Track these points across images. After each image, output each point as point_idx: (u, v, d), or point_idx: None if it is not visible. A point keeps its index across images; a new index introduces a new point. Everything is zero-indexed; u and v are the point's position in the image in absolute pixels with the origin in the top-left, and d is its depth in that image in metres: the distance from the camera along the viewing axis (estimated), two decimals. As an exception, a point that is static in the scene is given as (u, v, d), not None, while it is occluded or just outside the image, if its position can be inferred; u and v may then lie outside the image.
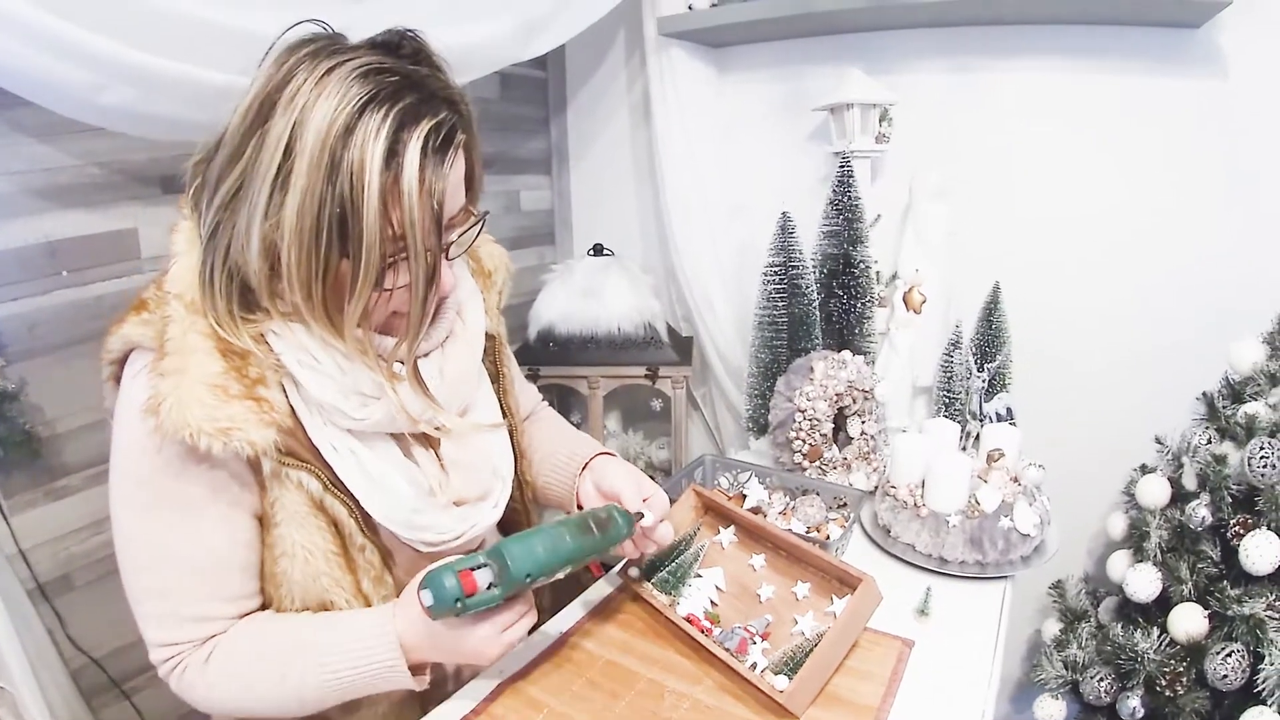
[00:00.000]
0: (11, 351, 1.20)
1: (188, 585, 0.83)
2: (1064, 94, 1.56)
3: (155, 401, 0.73)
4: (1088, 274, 1.61)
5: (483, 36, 1.41)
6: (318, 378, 0.81)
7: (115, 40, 1.02)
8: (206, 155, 0.80)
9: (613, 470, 1.04)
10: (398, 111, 0.73)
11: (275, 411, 0.78)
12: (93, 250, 1.30)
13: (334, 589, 0.88)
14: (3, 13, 0.93)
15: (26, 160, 1.20)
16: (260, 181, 0.73)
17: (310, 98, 0.72)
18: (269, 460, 0.80)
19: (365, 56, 0.75)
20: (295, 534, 0.85)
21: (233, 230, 0.76)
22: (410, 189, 0.74)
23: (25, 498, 1.24)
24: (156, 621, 0.84)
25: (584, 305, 1.87)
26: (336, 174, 0.72)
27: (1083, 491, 1.57)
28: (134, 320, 0.80)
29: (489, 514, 0.98)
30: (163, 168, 1.37)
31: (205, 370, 0.75)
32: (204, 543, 0.82)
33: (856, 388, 1.45)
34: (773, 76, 1.84)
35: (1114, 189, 1.56)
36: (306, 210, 0.72)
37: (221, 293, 0.78)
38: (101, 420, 1.30)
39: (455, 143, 0.78)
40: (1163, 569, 1.25)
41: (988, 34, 1.57)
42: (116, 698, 1.36)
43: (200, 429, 0.73)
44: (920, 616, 1.11)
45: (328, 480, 0.84)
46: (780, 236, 1.56)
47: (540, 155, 2.26)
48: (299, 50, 0.75)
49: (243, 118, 0.75)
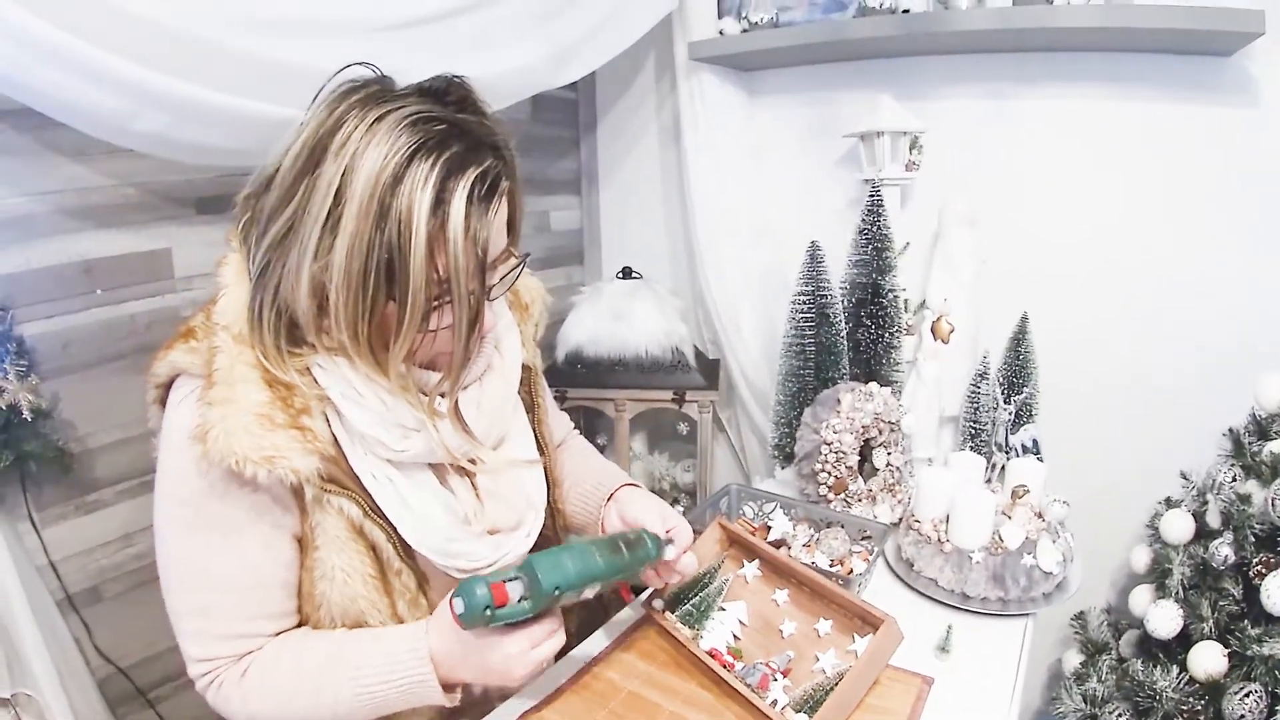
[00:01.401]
0: (45, 369, 1.22)
1: (228, 604, 0.86)
2: (1094, 122, 1.54)
3: (203, 430, 0.76)
4: (1116, 304, 1.59)
5: (515, 64, 1.43)
6: (361, 411, 0.84)
7: (147, 68, 1.04)
8: (256, 190, 0.83)
9: (638, 501, 1.06)
10: (445, 160, 0.75)
11: (318, 440, 0.81)
12: (127, 269, 1.33)
13: (370, 611, 0.90)
14: (38, 39, 0.95)
15: (62, 180, 1.23)
16: (311, 224, 0.76)
17: (360, 145, 0.74)
18: (311, 487, 0.82)
19: (413, 105, 0.77)
20: (334, 557, 0.87)
21: (283, 269, 0.79)
22: (456, 236, 0.76)
23: (56, 511, 1.27)
24: (196, 638, 0.86)
25: (612, 328, 1.88)
26: (385, 221, 0.74)
27: (1108, 521, 1.56)
28: (181, 348, 0.83)
29: (522, 543, 0.99)
30: (197, 189, 1.40)
31: (252, 400, 0.78)
32: (246, 563, 0.85)
33: (883, 419, 1.45)
34: (803, 101, 1.84)
35: (1144, 218, 1.55)
36: (355, 254, 0.75)
37: (270, 328, 0.81)
38: (133, 437, 1.34)
39: (500, 190, 0.80)
40: (1184, 606, 1.24)
41: (1018, 61, 1.56)
42: (141, 706, 1.39)
43: (246, 457, 0.76)
44: (941, 654, 1.10)
45: (368, 507, 0.87)
46: (809, 265, 1.56)
47: (570, 176, 2.28)
48: (349, 96, 0.78)
49: (294, 161, 0.78)
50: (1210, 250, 1.50)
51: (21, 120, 1.14)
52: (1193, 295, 1.52)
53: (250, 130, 1.19)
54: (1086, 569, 1.29)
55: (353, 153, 0.74)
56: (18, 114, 1.12)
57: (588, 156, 2.25)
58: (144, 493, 1.37)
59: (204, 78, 1.10)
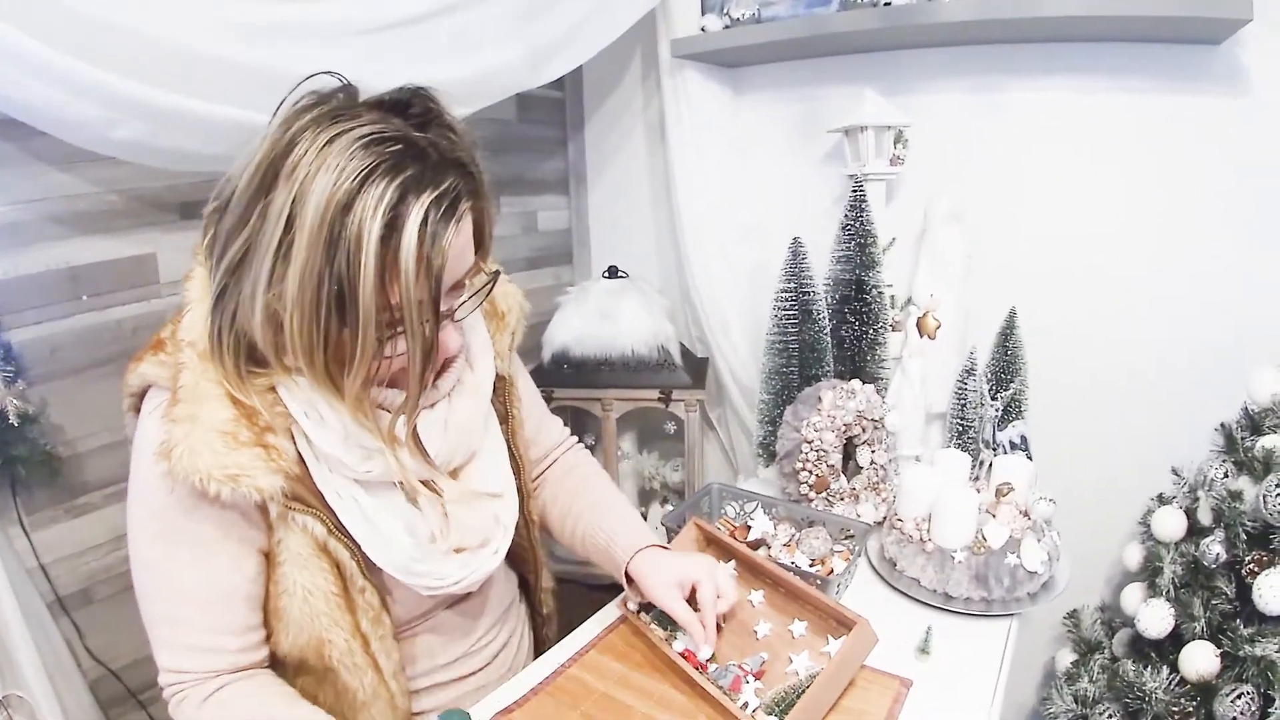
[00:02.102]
0: (33, 374, 1.22)
1: (192, 616, 0.85)
2: (1082, 113, 1.52)
3: (167, 447, 0.76)
4: (1106, 298, 1.57)
5: (493, 65, 1.42)
6: (323, 431, 0.83)
7: (126, 77, 1.04)
8: (218, 205, 0.81)
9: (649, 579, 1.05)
10: (398, 185, 0.72)
11: (283, 459, 0.80)
12: (112, 275, 1.33)
13: (333, 628, 0.89)
14: (14, 50, 0.96)
15: (47, 188, 1.23)
16: (264, 251, 0.74)
17: (311, 170, 0.72)
18: (275, 505, 0.82)
19: (368, 124, 0.74)
20: (297, 574, 0.87)
21: (239, 296, 0.77)
22: (407, 267, 0.73)
23: (46, 514, 1.28)
24: (164, 647, 0.87)
25: (598, 327, 1.87)
26: (334, 250, 0.72)
27: (1101, 518, 1.53)
28: (151, 360, 0.83)
29: (489, 561, 0.98)
30: (181, 195, 1.40)
31: (216, 417, 0.78)
32: (211, 579, 0.85)
33: (866, 417, 1.44)
34: (788, 97, 1.82)
35: (1132, 210, 1.52)
36: (306, 284, 0.73)
37: (229, 350, 0.80)
38: (120, 441, 1.33)
39: (458, 213, 0.77)
40: (1176, 605, 1.22)
41: (1004, 52, 1.54)
42: (133, 708, 1.40)
43: (210, 475, 0.75)
44: (921, 655, 1.09)
45: (332, 525, 0.86)
46: (791, 261, 1.56)
47: (558, 176, 2.27)
48: (304, 115, 0.75)
49: (249, 182, 0.75)
50: (1202, 242, 1.47)
51: (6, 129, 1.14)
52: (1184, 288, 1.49)
53: (230, 136, 1.19)
54: (1080, 566, 1.28)
55: (303, 177, 0.72)
56: (2, 123, 1.12)
57: (575, 156, 2.24)
58: (131, 496, 1.38)
59: (182, 85, 1.10)
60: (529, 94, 2.01)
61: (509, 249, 2.14)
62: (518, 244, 2.18)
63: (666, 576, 1.04)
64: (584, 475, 1.24)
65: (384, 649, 0.94)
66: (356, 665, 0.92)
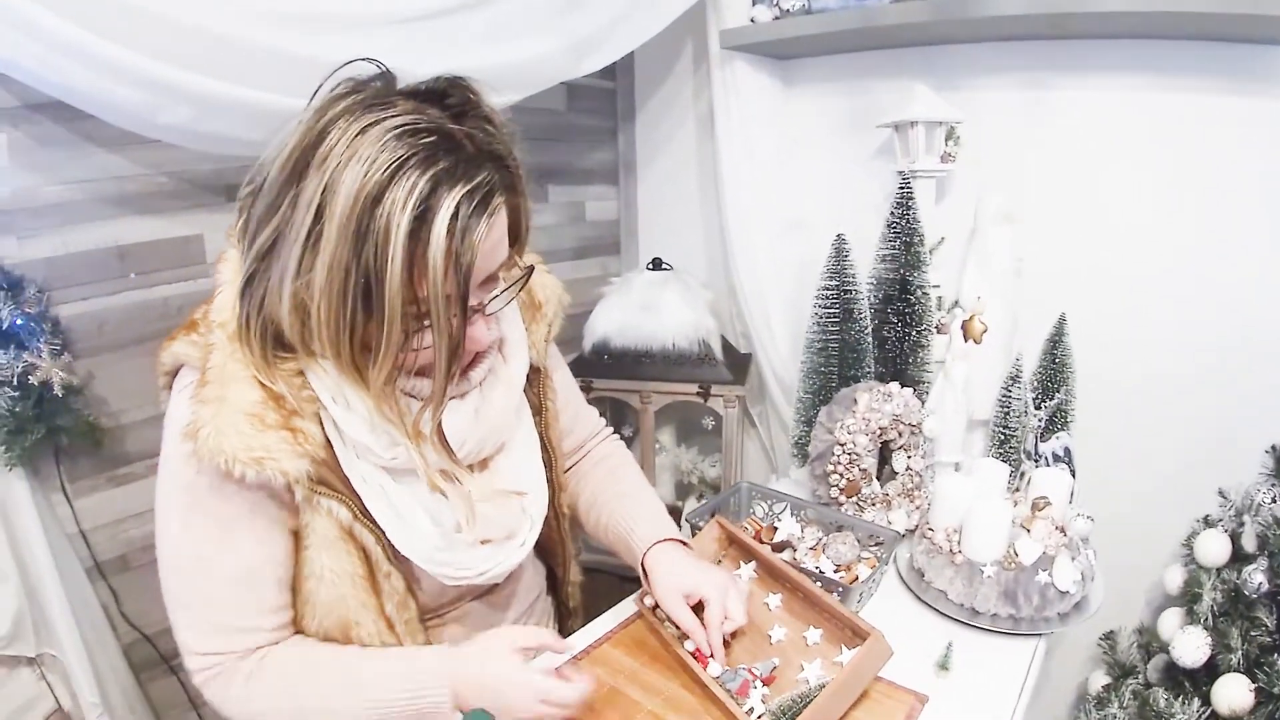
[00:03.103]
0: (80, 348, 1.28)
1: (225, 596, 0.85)
2: (1140, 112, 1.44)
3: (194, 428, 0.76)
4: (1160, 306, 1.48)
5: (533, 55, 1.42)
6: (351, 416, 0.82)
7: (168, 64, 1.08)
8: (253, 190, 0.80)
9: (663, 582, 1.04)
10: (429, 178, 0.71)
11: (309, 443, 0.80)
12: (160, 254, 1.39)
13: (359, 610, 0.90)
14: (67, 40, 1.00)
15: (98, 169, 1.29)
16: (294, 240, 0.73)
17: (342, 160, 0.71)
18: (301, 488, 0.81)
19: (403, 114, 0.73)
20: (323, 557, 0.87)
21: (268, 283, 0.77)
22: (435, 262, 0.72)
23: (88, 483, 1.34)
24: (193, 629, 0.86)
25: (640, 319, 1.86)
26: (362, 243, 0.71)
27: (1145, 536, 1.46)
28: (184, 339, 0.83)
29: (515, 553, 0.97)
30: (227, 178, 1.44)
31: (244, 399, 0.78)
32: (241, 557, 0.84)
33: (903, 421, 1.39)
34: (840, 90, 1.78)
35: (1190, 216, 1.43)
36: (334, 275, 0.72)
37: (256, 336, 0.79)
38: (162, 414, 1.39)
39: (491, 207, 0.76)
40: (1213, 634, 1.15)
41: (1060, 48, 1.46)
42: (165, 673, 1.46)
43: (235, 457, 0.75)
44: (940, 671, 1.06)
45: (358, 510, 0.85)
46: (834, 259, 1.52)
47: (607, 166, 2.26)
48: (339, 103, 0.75)
49: (280, 169, 0.75)
50: (1262, 250, 1.37)
51: (59, 112, 1.19)
52: (1243, 299, 1.40)
53: (270, 121, 1.20)
54: (1120, 586, 1.23)
55: (334, 167, 0.71)
56: (55, 106, 1.17)
57: (625, 146, 2.23)
58: (174, 468, 1.43)
59: (224, 72, 1.14)
60: (579, 84, 2.02)
61: (556, 238, 2.15)
62: (565, 233, 2.18)
63: (675, 583, 1.03)
64: (613, 466, 1.22)
65: (410, 632, 0.94)
66: (384, 645, 0.93)
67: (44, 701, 1.22)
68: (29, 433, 1.17)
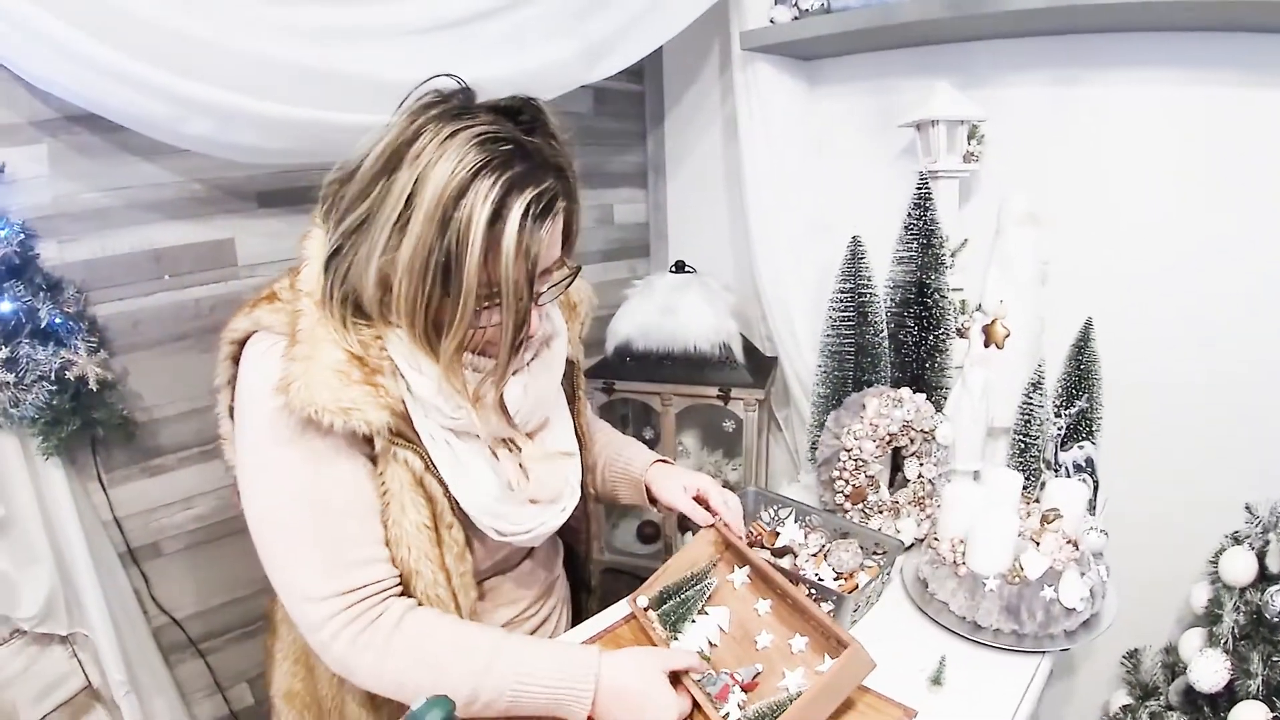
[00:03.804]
0: (116, 345, 1.36)
1: (352, 529, 0.92)
2: (1171, 108, 1.37)
3: (286, 382, 0.84)
4: (1193, 313, 1.41)
5: (548, 61, 1.44)
6: (422, 379, 0.92)
7: (190, 79, 1.14)
8: (339, 178, 0.92)
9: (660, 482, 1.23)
10: (506, 179, 0.83)
11: (389, 397, 0.89)
12: (193, 257, 1.46)
13: (421, 560, 0.96)
14: (90, 55, 1.08)
15: (134, 177, 1.36)
16: (383, 222, 0.84)
17: (433, 157, 0.82)
18: (381, 439, 0.90)
19: (484, 125, 0.84)
20: (396, 507, 0.94)
21: (354, 257, 0.88)
22: (508, 249, 0.84)
23: (123, 473, 1.41)
24: (325, 573, 0.90)
25: (661, 322, 1.86)
26: (446, 228, 0.82)
27: (1174, 550, 1.37)
28: (266, 307, 0.92)
29: (557, 517, 1.07)
30: (259, 185, 1.51)
31: (331, 358, 0.87)
32: (346, 489, 0.91)
33: (914, 428, 1.36)
34: (865, 90, 1.74)
35: (1226, 219, 1.35)
36: (418, 254, 0.83)
37: (338, 305, 0.90)
38: (197, 409, 1.47)
39: (555, 210, 0.87)
40: (1233, 657, 1.08)
41: (1086, 43, 1.40)
42: (192, 656, 1.53)
43: (324, 407, 0.84)
44: (933, 686, 1.03)
45: (428, 461, 0.94)
46: (849, 261, 1.49)
47: (635, 169, 2.27)
48: (429, 110, 0.86)
49: (375, 161, 0.86)
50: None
51: (96, 123, 1.27)
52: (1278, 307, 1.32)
53: (289, 132, 1.28)
54: (1149, 602, 1.17)
55: (425, 163, 0.82)
56: (93, 118, 1.24)
57: (654, 149, 2.23)
58: (204, 460, 1.50)
59: (244, 86, 1.20)
60: (607, 88, 2.04)
61: (584, 240, 2.12)
62: (593, 236, 2.21)
63: (677, 482, 1.21)
64: (597, 428, 1.37)
65: (464, 585, 1.01)
66: (439, 598, 0.98)
67: (74, 678, 1.30)
68: (65, 424, 1.24)
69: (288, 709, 1.13)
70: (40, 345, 1.22)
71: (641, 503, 1.27)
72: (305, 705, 1.12)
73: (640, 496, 1.26)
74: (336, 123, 1.28)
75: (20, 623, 1.22)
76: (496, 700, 0.91)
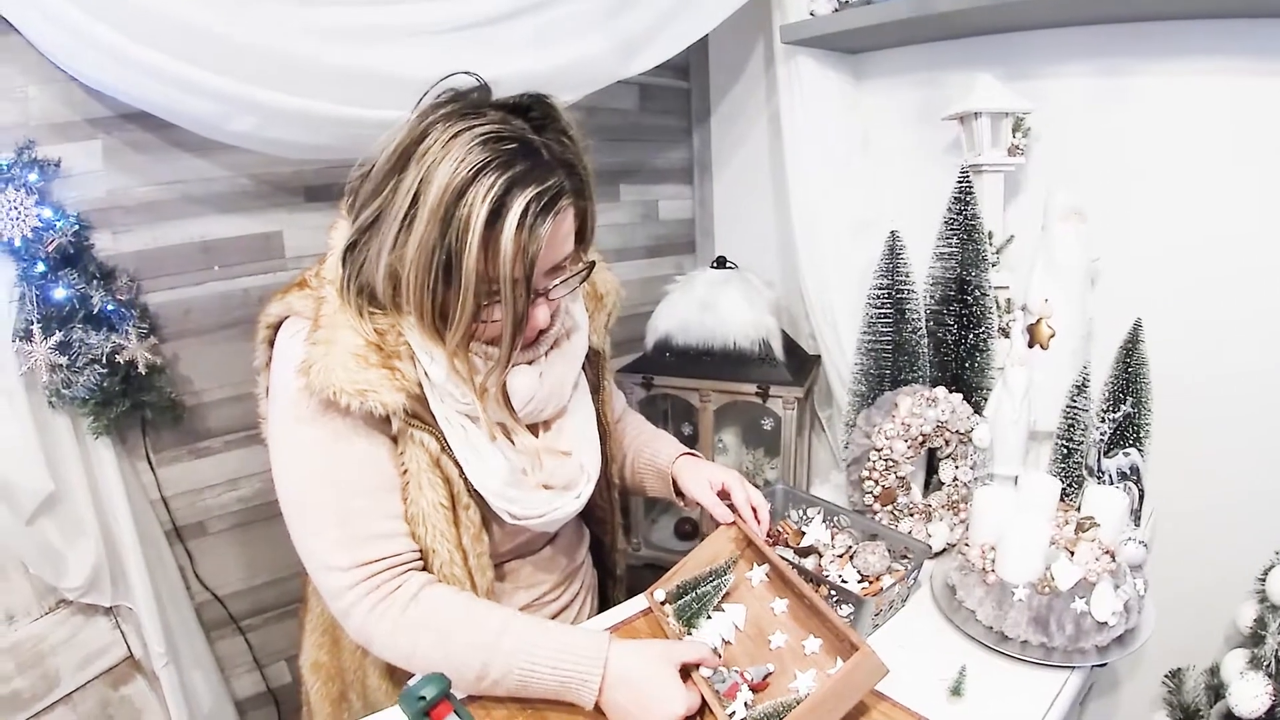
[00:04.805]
0: (166, 332, 1.42)
1: (367, 505, 0.96)
2: (1225, 99, 1.28)
3: (307, 364, 0.89)
4: (1249, 315, 1.32)
5: (581, 56, 1.44)
6: (435, 365, 0.95)
7: (233, 79, 1.19)
8: (361, 174, 0.95)
9: (686, 473, 1.24)
10: (506, 179, 0.85)
11: (406, 380, 0.93)
12: (242, 249, 1.51)
13: (439, 539, 0.99)
14: (135, 57, 1.14)
15: (186, 172, 1.42)
16: (393, 219, 0.88)
17: (438, 157, 0.85)
18: (397, 420, 0.93)
19: (490, 124, 0.87)
20: (414, 488, 0.97)
21: (368, 251, 0.92)
22: (506, 248, 0.86)
23: (171, 454, 1.48)
24: (343, 546, 0.95)
25: (701, 318, 1.85)
26: (448, 227, 0.85)
27: (1223, 566, 1.28)
28: (297, 294, 0.97)
29: (571, 503, 1.08)
30: (305, 180, 1.56)
31: (350, 342, 0.91)
32: (375, 465, 0.96)
33: (949, 429, 1.32)
34: (911, 83, 1.69)
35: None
36: (423, 252, 0.87)
37: (354, 295, 0.94)
38: (242, 394, 1.52)
39: (557, 208, 0.89)
40: (1276, 682, 1.01)
41: (1136, 31, 1.33)
42: (233, 632, 1.59)
43: (342, 389, 0.88)
44: (953, 697, 1.00)
45: (444, 443, 0.98)
46: (888, 257, 1.45)
47: (681, 165, 2.26)
48: (439, 109, 0.90)
49: (387, 160, 0.90)
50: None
51: (148, 121, 1.32)
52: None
53: (327, 128, 1.32)
54: (1195, 620, 1.10)
55: (430, 163, 0.85)
56: (144, 116, 1.30)
57: (700, 145, 2.22)
58: (250, 444, 1.56)
59: (282, 84, 1.24)
60: (652, 84, 2.04)
61: (628, 236, 2.17)
62: (636, 232, 2.20)
63: (703, 476, 1.22)
64: (630, 420, 1.39)
65: (480, 567, 1.03)
66: (455, 577, 1.01)
67: (117, 648, 1.36)
68: (115, 406, 1.30)
69: (314, 678, 1.18)
70: (93, 330, 1.28)
71: (668, 495, 1.28)
72: (330, 676, 1.17)
73: (667, 489, 1.27)
74: (374, 119, 1.30)
75: (66, 593, 1.28)
76: (504, 678, 0.93)
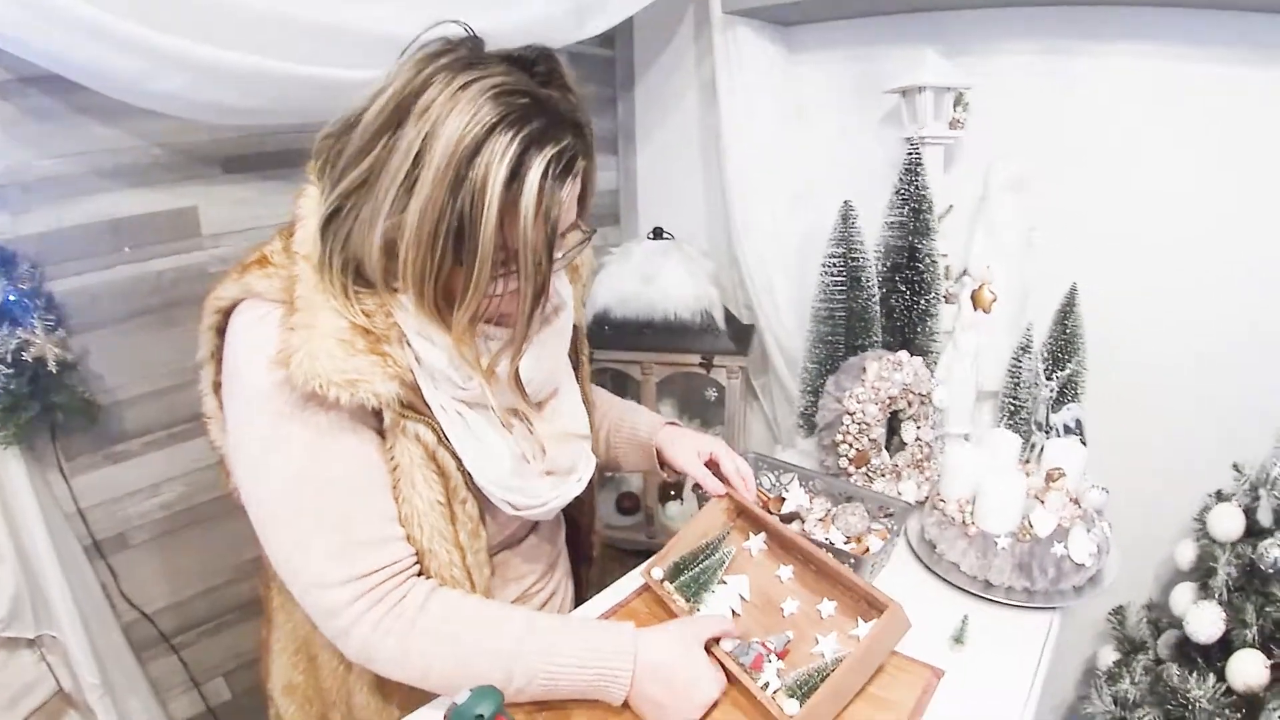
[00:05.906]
0: (74, 323, 1.25)
1: (360, 508, 0.86)
2: (1154, 81, 1.40)
3: (285, 354, 0.77)
4: (1173, 277, 1.46)
5: (536, 16, 1.39)
6: (433, 350, 0.87)
7: (163, 31, 1.04)
8: (335, 131, 0.84)
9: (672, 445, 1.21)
10: (524, 136, 0.76)
11: (398, 366, 0.84)
12: (154, 227, 1.35)
13: (436, 538, 0.91)
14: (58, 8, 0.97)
15: (90, 141, 1.25)
16: (388, 181, 0.77)
17: (443, 111, 0.75)
18: (390, 412, 0.84)
19: (499, 77, 0.77)
20: (406, 483, 0.88)
21: (355, 219, 0.81)
22: (528, 211, 0.78)
23: (85, 460, 1.31)
24: (337, 557, 0.84)
25: (640, 289, 1.83)
26: (460, 188, 0.76)
27: (1154, 511, 1.45)
28: (257, 273, 0.84)
29: (574, 487, 1.03)
30: (223, 149, 1.41)
31: (333, 326, 0.80)
32: (364, 462, 0.86)
33: (912, 391, 1.37)
34: (846, 57, 1.73)
35: (1209, 189, 1.40)
36: (428, 217, 0.77)
37: (338, 271, 0.83)
38: (161, 389, 1.37)
39: (574, 170, 0.82)
40: (1227, 609, 1.14)
41: (1078, 14, 1.42)
42: (165, 652, 1.45)
43: (329, 380, 0.77)
44: (955, 645, 1.05)
45: (441, 434, 0.89)
46: (841, 226, 1.49)
47: (606, 135, 2.21)
48: (438, 59, 0.79)
49: (377, 115, 0.79)
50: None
51: (51, 84, 1.15)
52: (1258, 271, 1.38)
53: (266, 88, 1.20)
54: (1128, 561, 1.21)
55: (435, 118, 0.75)
56: (48, 79, 1.12)
57: (625, 115, 2.18)
58: (171, 444, 1.41)
59: (220, 38, 1.10)
60: (577, 52, 1.97)
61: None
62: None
63: (689, 445, 1.19)
64: (597, 393, 1.33)
65: (478, 563, 0.96)
66: (454, 579, 0.94)
67: (45, 684, 1.20)
68: (24, 410, 1.14)
69: (288, 702, 1.08)
70: (-6, 325, 1.11)
71: (650, 467, 1.24)
72: (308, 698, 1.07)
73: (650, 461, 1.23)
74: (317, 78, 1.20)
75: (-16, 629, 1.12)
76: (529, 685, 0.87)
